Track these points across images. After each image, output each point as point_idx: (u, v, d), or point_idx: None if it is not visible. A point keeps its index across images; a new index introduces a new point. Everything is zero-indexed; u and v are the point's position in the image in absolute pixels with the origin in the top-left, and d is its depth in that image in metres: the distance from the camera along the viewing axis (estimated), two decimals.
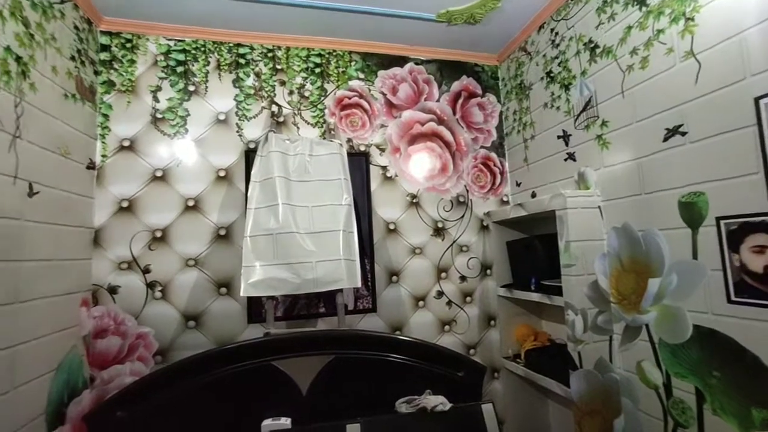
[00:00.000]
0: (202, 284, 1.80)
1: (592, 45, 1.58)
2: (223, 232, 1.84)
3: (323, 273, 1.61)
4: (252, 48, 1.98)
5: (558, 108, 1.81)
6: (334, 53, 2.08)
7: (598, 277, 1.49)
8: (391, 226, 2.06)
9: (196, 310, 1.78)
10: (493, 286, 2.12)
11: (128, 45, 1.84)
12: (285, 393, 1.53)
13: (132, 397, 1.43)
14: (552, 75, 1.84)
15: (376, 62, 2.13)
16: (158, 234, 1.77)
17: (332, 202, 1.72)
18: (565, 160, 1.77)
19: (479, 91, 2.27)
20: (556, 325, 1.92)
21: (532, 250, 1.82)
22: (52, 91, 1.44)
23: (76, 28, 1.61)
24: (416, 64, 2.19)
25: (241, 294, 1.56)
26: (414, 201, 2.11)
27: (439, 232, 2.12)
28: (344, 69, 2.09)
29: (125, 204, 1.76)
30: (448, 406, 1.50)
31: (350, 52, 2.10)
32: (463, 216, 2.16)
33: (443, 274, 2.10)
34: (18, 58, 1.26)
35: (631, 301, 1.40)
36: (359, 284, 1.66)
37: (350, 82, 2.09)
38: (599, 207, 1.54)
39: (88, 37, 1.70)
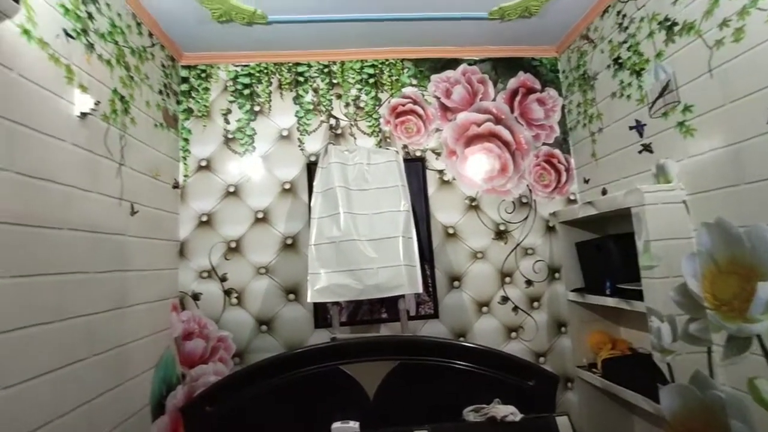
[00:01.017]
0: (273, 291, 1.92)
1: (669, 23, 1.44)
2: (289, 242, 1.96)
3: (385, 279, 1.63)
4: (309, 66, 2.09)
5: (629, 96, 1.66)
6: (387, 62, 2.12)
7: (687, 279, 1.34)
8: (450, 231, 2.03)
9: (267, 316, 1.91)
10: (562, 290, 2.00)
11: (203, 75, 2.04)
12: (352, 397, 1.57)
13: (216, 395, 1.56)
14: (620, 61, 1.70)
15: (428, 67, 2.14)
16: (233, 245, 1.93)
17: (391, 209, 1.74)
18: (640, 152, 1.62)
19: (538, 86, 2.17)
20: (637, 333, 1.75)
21: (606, 252, 1.69)
22: (146, 123, 1.65)
23: (162, 65, 1.83)
24: (469, 64, 2.15)
25: (308, 300, 1.64)
26: (473, 204, 2.06)
27: (501, 235, 2.05)
28: (397, 77, 2.12)
29: (204, 218, 1.94)
30: (519, 416, 1.44)
31: (402, 60, 2.13)
32: (526, 217, 2.07)
33: (507, 279, 2.02)
34: (122, 98, 1.47)
35: (733, 307, 1.23)
36: (420, 290, 1.66)
37: (403, 90, 2.11)
38: (684, 201, 1.39)
39: (172, 72, 1.93)
